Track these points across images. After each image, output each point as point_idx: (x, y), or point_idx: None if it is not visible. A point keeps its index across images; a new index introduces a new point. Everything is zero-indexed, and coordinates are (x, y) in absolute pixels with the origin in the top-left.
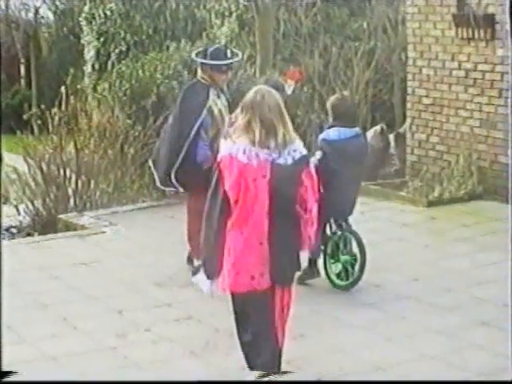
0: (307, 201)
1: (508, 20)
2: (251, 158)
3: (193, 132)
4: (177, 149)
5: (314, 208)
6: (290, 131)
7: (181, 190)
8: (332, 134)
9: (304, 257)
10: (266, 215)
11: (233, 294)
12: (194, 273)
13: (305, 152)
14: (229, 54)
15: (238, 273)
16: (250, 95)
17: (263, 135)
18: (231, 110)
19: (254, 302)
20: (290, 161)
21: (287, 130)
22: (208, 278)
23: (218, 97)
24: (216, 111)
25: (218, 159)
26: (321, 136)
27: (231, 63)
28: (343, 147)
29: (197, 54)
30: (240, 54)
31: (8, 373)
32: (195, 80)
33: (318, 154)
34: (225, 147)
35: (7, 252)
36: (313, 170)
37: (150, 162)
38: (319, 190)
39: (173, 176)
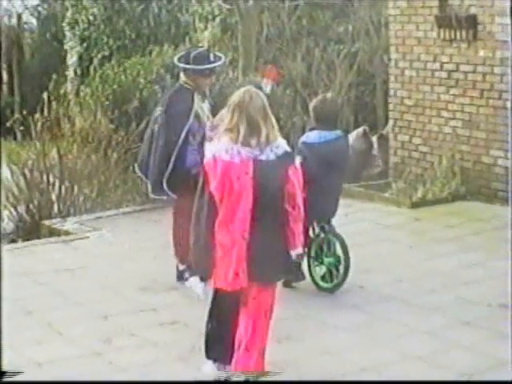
0: (295, 196)
1: (490, 21)
2: (233, 156)
3: (181, 138)
4: (166, 156)
5: (300, 204)
6: (273, 131)
7: (174, 196)
8: (312, 136)
9: (295, 257)
10: (249, 211)
11: (216, 291)
12: (179, 277)
13: (288, 149)
14: (212, 58)
15: (226, 270)
16: (238, 95)
17: (247, 134)
18: (214, 113)
19: (229, 298)
20: (272, 157)
21: (270, 130)
22: (201, 280)
23: (203, 101)
24: (202, 115)
25: (204, 163)
26: (301, 139)
27: (214, 67)
28: (324, 150)
29: (179, 59)
30: (223, 57)
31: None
32: (179, 85)
33: (298, 159)
34: (209, 150)
35: None
36: (298, 166)
37: (136, 167)
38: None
39: (164, 183)
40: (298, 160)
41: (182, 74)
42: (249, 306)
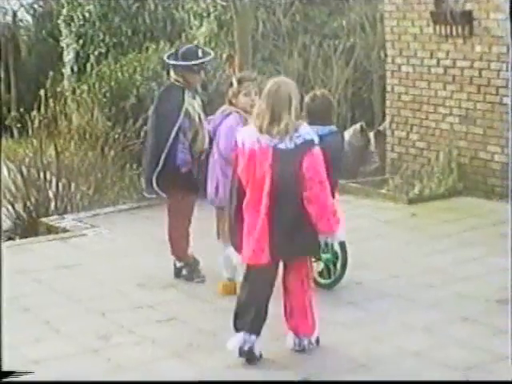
0: (308, 180)
1: (485, 16)
2: (255, 144)
3: (172, 136)
4: (157, 155)
5: (314, 187)
6: (293, 121)
7: (163, 195)
8: None
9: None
10: (266, 195)
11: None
12: (177, 274)
13: (309, 137)
14: (200, 54)
15: (246, 247)
16: (268, 84)
17: (269, 122)
18: (206, 110)
19: (257, 272)
20: (291, 146)
21: (291, 120)
22: (236, 250)
23: (194, 98)
24: (193, 113)
25: (237, 147)
26: None
27: (203, 63)
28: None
29: (169, 57)
30: (212, 52)
31: (8, 373)
32: (169, 83)
33: None
34: (239, 136)
35: None
36: (317, 152)
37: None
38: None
39: (154, 182)
40: None
41: (171, 72)
42: (284, 279)
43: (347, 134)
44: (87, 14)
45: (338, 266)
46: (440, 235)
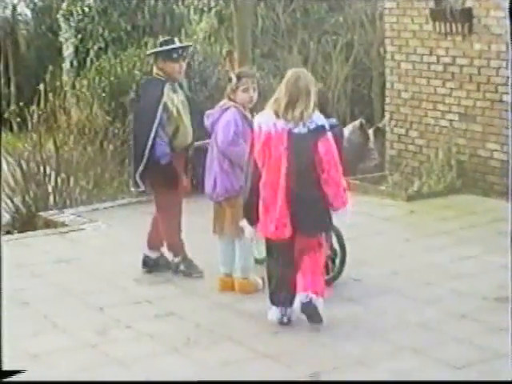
0: (323, 163)
1: (485, 14)
2: (272, 128)
3: (153, 131)
4: (138, 149)
5: (331, 169)
6: (308, 109)
7: (143, 188)
8: None
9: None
10: (284, 176)
11: (266, 240)
12: (175, 270)
13: (320, 122)
14: (177, 43)
15: (267, 223)
16: (289, 73)
17: (286, 108)
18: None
19: (279, 247)
20: (304, 130)
21: (307, 107)
22: (250, 224)
23: (174, 91)
24: (171, 107)
25: (253, 130)
26: None
27: (182, 51)
28: None
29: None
30: (191, 43)
31: (8, 373)
32: (150, 77)
33: None
34: (256, 120)
35: None
36: (330, 137)
37: None
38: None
39: (137, 176)
40: None
41: (154, 67)
42: (297, 248)
43: (346, 131)
44: (87, 9)
45: (337, 262)
46: (439, 232)
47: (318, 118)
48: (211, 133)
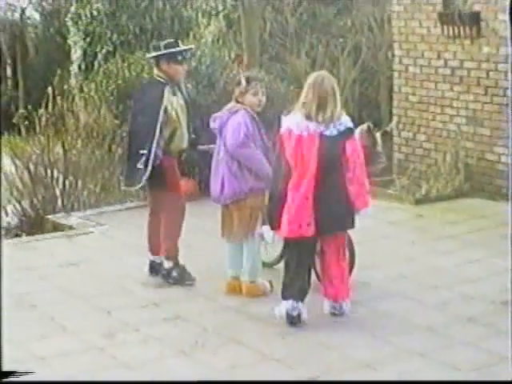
0: (349, 162)
1: (493, 17)
2: (303, 130)
3: (157, 132)
4: (136, 149)
5: (357, 169)
6: (337, 108)
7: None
8: None
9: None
10: (313, 177)
11: (286, 239)
12: (166, 276)
13: (349, 125)
14: (181, 45)
15: (291, 222)
16: (313, 77)
17: (316, 110)
18: (189, 108)
19: (299, 245)
20: (335, 132)
21: (335, 108)
22: (272, 228)
23: (174, 94)
24: (170, 110)
25: (281, 133)
26: None
27: (186, 53)
28: None
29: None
30: (192, 46)
31: (8, 373)
32: (149, 80)
33: None
34: (285, 123)
35: None
36: (357, 139)
37: None
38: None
39: (143, 178)
40: None
41: (155, 69)
42: (323, 250)
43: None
44: (95, 12)
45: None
46: (446, 236)
47: (347, 121)
48: (220, 135)
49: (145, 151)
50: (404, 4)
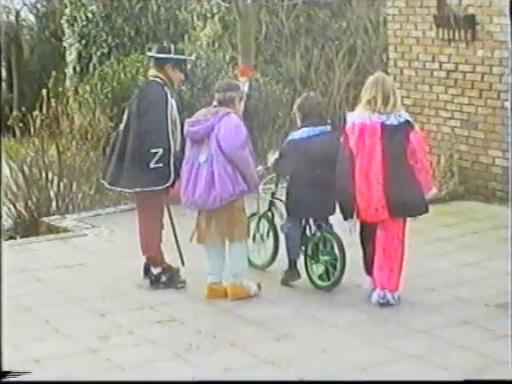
0: (416, 153)
1: (488, 21)
2: (367, 121)
3: (169, 130)
4: (141, 149)
5: (423, 158)
6: (398, 103)
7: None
8: (295, 134)
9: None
10: (379, 163)
11: (361, 223)
12: (155, 281)
13: (408, 118)
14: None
15: (365, 207)
16: (373, 77)
17: (380, 104)
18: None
19: (369, 228)
20: (395, 122)
21: (397, 102)
22: (345, 219)
23: (172, 96)
24: (170, 111)
25: (346, 126)
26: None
27: (190, 61)
28: (305, 145)
29: (159, 52)
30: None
31: (8, 373)
32: (149, 80)
33: (276, 154)
34: (350, 118)
35: None
36: (418, 131)
37: None
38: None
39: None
40: (275, 155)
41: (152, 70)
42: (383, 235)
43: None
44: (90, 15)
45: (338, 268)
46: (441, 239)
47: (406, 115)
48: (207, 139)
49: (158, 149)
50: (399, 7)
